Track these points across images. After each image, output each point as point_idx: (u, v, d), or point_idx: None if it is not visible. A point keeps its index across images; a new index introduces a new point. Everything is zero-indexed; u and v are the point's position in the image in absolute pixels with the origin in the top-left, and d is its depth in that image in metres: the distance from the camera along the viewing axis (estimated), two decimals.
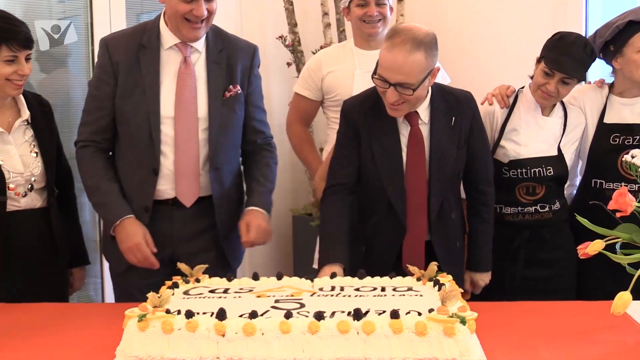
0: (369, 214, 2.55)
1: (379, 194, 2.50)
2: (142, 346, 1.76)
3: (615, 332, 1.98)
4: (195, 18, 2.44)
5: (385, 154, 2.47)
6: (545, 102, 2.78)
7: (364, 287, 2.14)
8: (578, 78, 2.70)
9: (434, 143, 2.48)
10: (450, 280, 2.16)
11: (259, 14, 4.41)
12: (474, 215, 2.65)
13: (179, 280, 2.20)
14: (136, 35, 2.57)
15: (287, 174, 4.48)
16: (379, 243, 2.55)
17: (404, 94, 2.33)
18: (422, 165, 2.48)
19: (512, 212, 2.81)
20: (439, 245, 2.54)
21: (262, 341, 1.74)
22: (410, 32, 2.32)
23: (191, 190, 2.58)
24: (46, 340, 2.02)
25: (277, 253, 4.49)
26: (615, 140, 2.80)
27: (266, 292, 2.10)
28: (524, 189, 2.79)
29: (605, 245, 1.91)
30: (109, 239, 2.60)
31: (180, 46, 2.54)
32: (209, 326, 1.76)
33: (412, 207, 2.49)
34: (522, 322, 2.11)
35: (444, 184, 2.50)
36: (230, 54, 2.61)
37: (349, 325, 1.74)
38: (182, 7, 2.42)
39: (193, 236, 2.62)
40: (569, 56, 2.65)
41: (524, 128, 2.81)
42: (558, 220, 2.83)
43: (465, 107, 2.54)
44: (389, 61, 2.32)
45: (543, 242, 2.81)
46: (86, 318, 2.25)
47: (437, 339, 1.73)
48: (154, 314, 1.80)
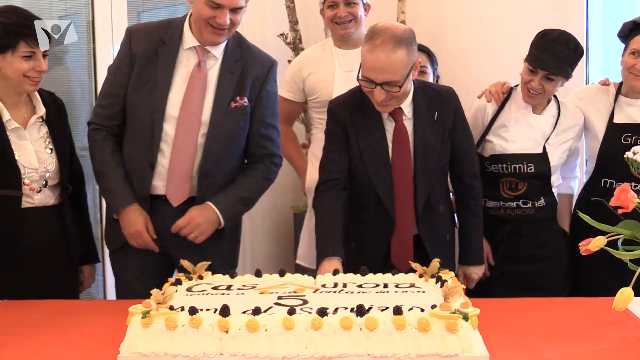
0: (359, 211, 2.58)
1: (368, 189, 2.54)
2: (146, 343, 1.77)
3: (617, 329, 1.99)
4: (218, 25, 2.47)
5: (372, 151, 2.51)
6: (532, 100, 2.79)
7: (367, 284, 2.15)
8: (560, 75, 2.70)
9: (418, 137, 2.51)
10: (452, 276, 2.17)
11: (259, 11, 4.40)
12: (463, 210, 2.68)
13: (182, 277, 2.21)
14: (160, 30, 2.60)
15: (288, 171, 4.46)
16: (369, 239, 2.58)
17: (390, 91, 2.38)
18: (408, 159, 2.51)
19: (494, 206, 2.84)
20: (428, 239, 2.57)
21: (266, 337, 1.75)
22: (389, 31, 2.35)
23: (180, 191, 2.61)
24: (50, 337, 2.03)
25: (279, 249, 4.50)
26: (627, 140, 2.80)
27: (269, 288, 2.11)
28: (507, 184, 2.82)
29: (607, 241, 1.91)
30: (110, 220, 2.69)
31: (198, 49, 2.56)
32: (213, 323, 1.76)
33: (399, 201, 2.52)
34: (524, 318, 2.11)
35: (430, 177, 2.54)
36: (246, 65, 2.62)
37: (352, 322, 1.75)
38: (206, 11, 2.46)
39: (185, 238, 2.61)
40: (550, 53, 2.68)
41: (513, 124, 2.83)
42: (542, 218, 2.84)
43: (447, 102, 2.58)
44: (373, 62, 2.35)
45: (522, 237, 2.82)
46: (90, 315, 2.26)
47: (439, 335, 1.74)
48: (157, 310, 1.80)
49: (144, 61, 2.56)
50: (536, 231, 2.83)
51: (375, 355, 1.74)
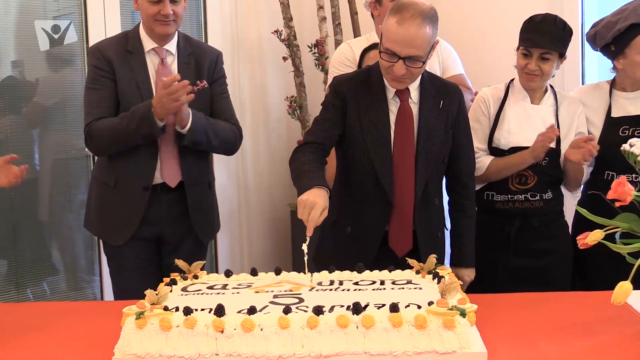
0: (356, 191, 2.54)
1: (366, 168, 2.50)
2: (141, 344, 1.75)
3: (616, 323, 1.98)
4: (164, 17, 2.79)
5: (373, 127, 2.49)
6: (532, 83, 2.79)
7: (363, 281, 2.14)
8: (553, 49, 2.72)
9: (422, 121, 2.50)
10: (449, 272, 2.15)
11: (254, 8, 4.40)
12: (458, 211, 2.65)
13: (177, 277, 2.19)
14: (122, 42, 2.91)
15: (285, 167, 4.45)
16: (365, 221, 2.53)
17: (412, 66, 2.37)
18: (411, 140, 2.49)
19: (502, 200, 2.83)
20: (422, 231, 2.54)
21: (261, 337, 1.73)
22: (417, 7, 2.35)
23: (173, 173, 2.88)
24: (45, 339, 2.01)
25: (276, 248, 4.49)
26: (625, 132, 2.82)
27: (265, 287, 2.09)
28: (516, 178, 2.81)
29: (605, 235, 1.90)
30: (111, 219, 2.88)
31: (157, 50, 2.89)
32: (208, 323, 1.75)
33: (398, 181, 2.49)
34: (522, 313, 2.10)
35: (430, 163, 2.52)
36: (197, 56, 2.95)
37: (348, 320, 1.74)
38: (151, 9, 2.79)
39: (177, 217, 2.92)
40: (539, 32, 2.72)
41: (513, 117, 2.84)
42: (550, 211, 2.83)
43: (453, 94, 2.58)
44: (400, 35, 2.34)
45: (533, 230, 2.81)
46: (85, 316, 2.24)
47: (437, 332, 1.72)
48: (151, 311, 1.79)
49: (120, 67, 2.84)
50: (545, 224, 2.83)
51: (372, 353, 1.72)
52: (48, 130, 3.93)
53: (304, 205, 2.15)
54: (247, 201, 4.43)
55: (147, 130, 2.72)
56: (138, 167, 2.84)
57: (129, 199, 2.85)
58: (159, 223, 2.90)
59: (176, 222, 2.91)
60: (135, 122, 2.72)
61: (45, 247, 3.98)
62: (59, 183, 3.94)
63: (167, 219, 2.90)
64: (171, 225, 2.91)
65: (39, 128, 3.92)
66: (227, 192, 4.32)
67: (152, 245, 2.93)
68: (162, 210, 2.89)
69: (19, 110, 3.90)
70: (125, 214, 2.86)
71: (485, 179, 2.82)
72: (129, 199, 2.86)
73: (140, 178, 2.84)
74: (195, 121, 2.78)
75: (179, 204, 2.90)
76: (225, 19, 4.27)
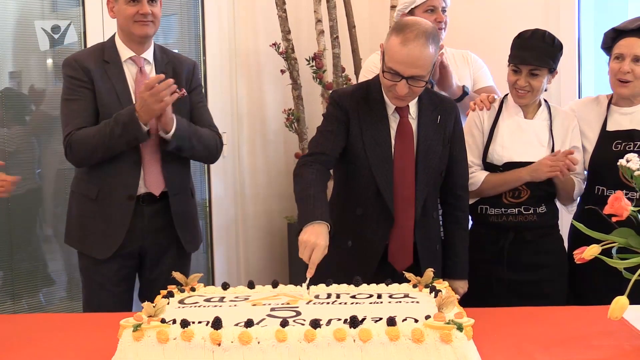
0: (357, 205, 2.54)
1: (368, 182, 2.50)
2: (137, 356, 1.75)
3: (613, 337, 1.98)
4: (142, 17, 2.79)
5: (375, 143, 2.49)
6: (522, 100, 2.81)
7: (360, 294, 2.13)
8: (541, 66, 2.73)
9: (421, 136, 2.51)
10: (446, 286, 2.15)
11: (252, 21, 4.40)
12: (452, 223, 2.66)
13: (174, 289, 2.18)
14: (97, 53, 2.89)
15: (282, 180, 4.47)
16: (366, 235, 2.53)
17: (414, 86, 2.37)
18: (411, 155, 2.51)
19: (495, 213, 2.83)
20: (423, 245, 2.55)
21: (258, 350, 1.73)
22: (420, 26, 2.35)
23: (156, 181, 2.85)
24: (42, 350, 2.00)
25: (272, 260, 4.48)
26: (617, 147, 2.81)
27: (262, 300, 2.09)
28: (509, 192, 2.81)
29: (601, 249, 1.90)
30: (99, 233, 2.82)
31: (135, 59, 2.88)
32: (205, 335, 1.74)
33: (399, 196, 2.50)
34: (518, 328, 2.10)
35: (429, 178, 2.53)
36: (174, 66, 2.95)
37: (345, 333, 1.73)
38: (129, 10, 2.79)
39: (160, 229, 2.88)
40: (527, 49, 2.74)
41: (507, 131, 2.84)
42: (544, 225, 2.84)
43: (449, 109, 2.60)
44: (404, 55, 2.33)
45: (526, 244, 2.81)
46: (81, 327, 2.23)
47: (434, 346, 1.72)
48: (149, 323, 1.78)
49: (99, 77, 2.81)
50: (539, 237, 2.83)
51: None
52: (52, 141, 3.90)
53: (304, 246, 2.17)
54: (244, 213, 4.43)
55: (132, 135, 2.69)
56: (122, 176, 2.80)
57: (113, 210, 2.80)
58: (141, 236, 2.85)
59: (159, 234, 2.88)
60: (119, 128, 2.68)
61: (41, 258, 3.97)
62: (60, 193, 3.93)
63: (150, 231, 2.86)
64: (153, 237, 2.87)
65: (42, 137, 3.91)
66: (224, 204, 4.32)
67: (133, 261, 2.89)
68: (144, 222, 2.84)
69: (22, 120, 3.92)
70: (110, 227, 2.81)
71: (479, 193, 2.83)
72: (112, 211, 2.80)
73: (124, 187, 2.80)
74: (179, 126, 2.75)
75: (163, 215, 2.87)
76: (223, 31, 4.28)
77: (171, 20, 4.28)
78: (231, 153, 4.31)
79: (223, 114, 4.22)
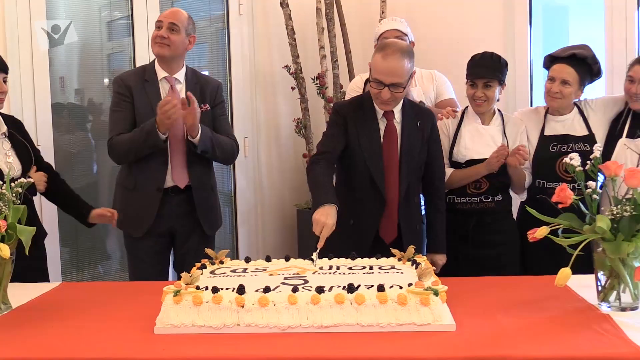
0: (355, 189, 2.57)
1: (363, 171, 2.53)
2: (177, 316, 1.75)
3: (559, 301, 1.96)
4: (159, 39, 2.82)
5: (368, 140, 2.53)
6: (480, 108, 2.80)
7: (356, 266, 2.12)
8: (493, 78, 2.73)
9: (405, 136, 2.55)
10: (425, 260, 2.14)
11: (268, 48, 4.39)
12: (432, 208, 2.67)
13: (207, 262, 2.18)
14: (139, 73, 2.92)
15: (292, 175, 4.45)
16: (363, 215, 2.55)
17: (395, 92, 2.43)
18: (395, 150, 2.54)
19: (461, 202, 2.81)
20: (406, 225, 2.56)
21: (274, 311, 1.73)
22: (397, 44, 2.47)
23: (182, 177, 2.86)
24: (102, 312, 2.00)
25: (284, 241, 4.47)
26: (554, 148, 2.80)
27: (277, 271, 2.08)
28: (472, 184, 2.79)
29: (549, 230, 1.89)
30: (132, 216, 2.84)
31: (168, 78, 2.89)
32: (231, 299, 1.74)
33: (387, 184, 2.53)
34: (483, 293, 2.08)
35: (411, 168, 2.56)
36: (202, 85, 2.94)
37: (344, 297, 1.73)
38: (154, 32, 2.85)
39: (185, 214, 2.88)
40: (480, 66, 2.76)
41: (468, 135, 2.83)
42: (501, 210, 2.82)
43: (427, 117, 2.64)
44: (385, 67, 2.41)
45: (487, 226, 2.79)
46: (131, 294, 2.22)
47: (415, 308, 1.72)
48: (186, 289, 1.78)
49: (138, 93, 2.84)
50: (497, 220, 2.82)
51: (363, 325, 1.71)
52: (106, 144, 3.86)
53: (317, 224, 2.20)
54: (262, 201, 4.42)
55: (152, 141, 2.73)
56: (152, 172, 2.83)
57: (145, 198, 2.84)
58: (169, 219, 2.86)
59: (184, 219, 2.88)
60: (143, 136, 2.73)
61: (100, 237, 3.96)
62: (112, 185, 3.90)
63: (177, 216, 2.87)
64: (180, 221, 2.88)
65: (98, 141, 3.89)
66: (246, 194, 4.30)
67: (165, 239, 2.91)
68: (172, 208, 2.86)
69: (84, 128, 3.91)
70: (143, 211, 2.85)
71: (447, 186, 2.81)
72: (145, 199, 2.84)
73: (154, 181, 2.83)
74: (203, 132, 2.77)
75: (187, 203, 2.87)
76: (245, 57, 4.27)
77: (203, 47, 4.27)
78: (251, 153, 4.30)
79: (245, 122, 4.22)
